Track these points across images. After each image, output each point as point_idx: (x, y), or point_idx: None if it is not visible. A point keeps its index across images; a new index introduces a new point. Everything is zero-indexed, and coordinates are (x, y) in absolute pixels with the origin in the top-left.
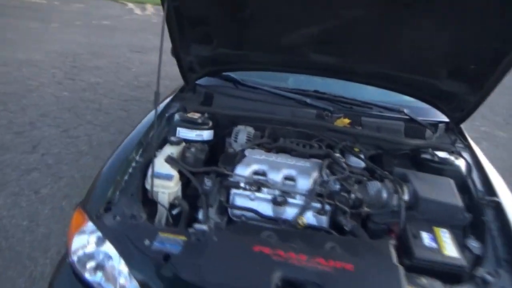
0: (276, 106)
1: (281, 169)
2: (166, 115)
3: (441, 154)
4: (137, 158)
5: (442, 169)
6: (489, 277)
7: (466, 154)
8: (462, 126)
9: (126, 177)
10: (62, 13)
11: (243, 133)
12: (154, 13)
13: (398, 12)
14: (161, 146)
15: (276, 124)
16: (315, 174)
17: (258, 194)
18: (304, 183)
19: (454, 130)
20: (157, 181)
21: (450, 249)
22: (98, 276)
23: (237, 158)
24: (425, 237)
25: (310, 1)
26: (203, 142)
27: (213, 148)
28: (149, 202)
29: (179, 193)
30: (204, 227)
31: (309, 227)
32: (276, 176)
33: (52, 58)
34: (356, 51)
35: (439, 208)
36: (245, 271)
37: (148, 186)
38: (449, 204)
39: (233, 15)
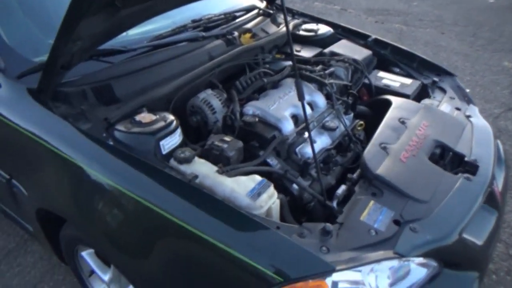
0: (188, 55)
1: (292, 103)
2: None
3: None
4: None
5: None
6: None
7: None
8: None
9: None
10: None
11: (213, 99)
12: None
13: None
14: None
15: (207, 72)
16: (313, 87)
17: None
18: (320, 99)
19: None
20: (262, 199)
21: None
22: None
23: (262, 124)
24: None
25: None
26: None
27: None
28: None
29: None
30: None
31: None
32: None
33: None
34: None
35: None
36: (426, 168)
37: (257, 210)
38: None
39: None
